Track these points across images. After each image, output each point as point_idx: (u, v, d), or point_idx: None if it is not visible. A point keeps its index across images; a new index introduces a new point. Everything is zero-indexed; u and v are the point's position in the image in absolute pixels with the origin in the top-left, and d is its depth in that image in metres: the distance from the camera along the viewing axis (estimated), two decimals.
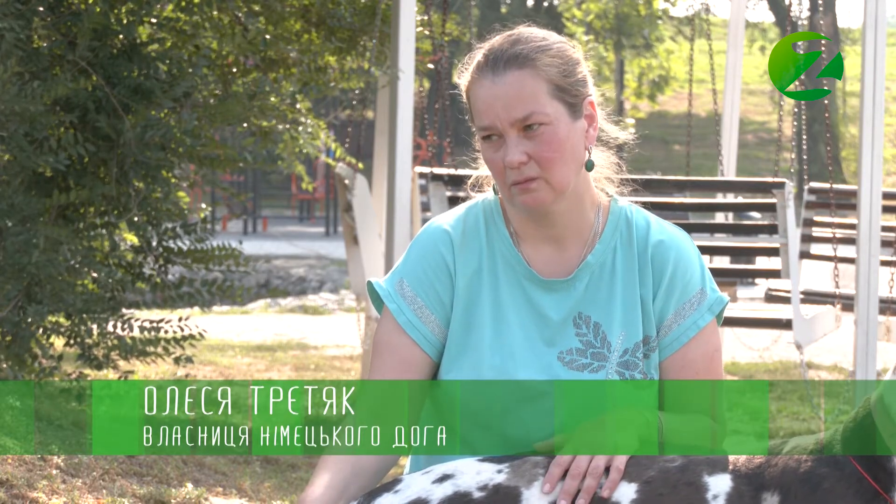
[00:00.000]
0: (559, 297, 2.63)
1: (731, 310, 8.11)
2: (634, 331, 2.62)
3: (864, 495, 2.33)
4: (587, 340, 2.61)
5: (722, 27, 23.91)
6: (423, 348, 2.63)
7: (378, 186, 8.79)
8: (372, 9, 7.23)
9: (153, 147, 6.21)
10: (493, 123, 2.58)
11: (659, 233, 2.66)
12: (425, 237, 2.68)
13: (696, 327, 2.62)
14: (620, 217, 2.68)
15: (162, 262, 6.74)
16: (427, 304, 2.64)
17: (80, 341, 6.40)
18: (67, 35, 6.25)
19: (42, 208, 6.16)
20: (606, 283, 2.64)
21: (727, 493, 2.38)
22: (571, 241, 2.65)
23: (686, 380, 2.62)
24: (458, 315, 2.64)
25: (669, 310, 2.63)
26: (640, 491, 2.40)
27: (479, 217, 2.69)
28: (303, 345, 10.77)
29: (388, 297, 2.66)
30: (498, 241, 2.67)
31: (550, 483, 2.43)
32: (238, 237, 22.16)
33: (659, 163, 30.64)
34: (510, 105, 2.56)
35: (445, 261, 2.65)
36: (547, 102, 2.57)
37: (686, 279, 2.64)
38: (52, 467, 4.43)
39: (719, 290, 2.70)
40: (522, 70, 2.57)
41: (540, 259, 2.66)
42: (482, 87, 2.59)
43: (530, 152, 2.56)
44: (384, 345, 2.66)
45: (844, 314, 7.69)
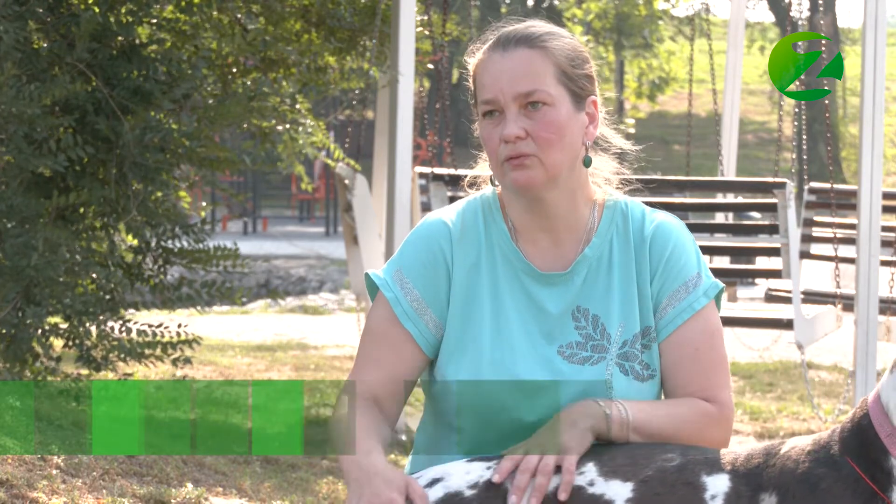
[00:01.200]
0: (558, 291, 2.63)
1: (731, 310, 8.12)
2: (633, 322, 2.62)
3: (862, 495, 2.33)
4: (587, 333, 2.61)
5: (722, 27, 23.91)
6: (418, 342, 2.62)
7: (378, 186, 8.79)
8: (372, 9, 7.23)
9: (152, 149, 6.21)
10: (496, 97, 2.58)
11: (654, 220, 2.67)
12: (424, 229, 2.68)
13: (692, 309, 2.62)
14: (616, 210, 2.68)
15: (161, 263, 6.75)
16: (424, 296, 2.63)
17: (78, 343, 6.40)
18: (66, 36, 6.24)
19: (41, 210, 6.16)
20: (604, 276, 2.64)
21: (725, 494, 2.38)
22: (566, 235, 2.65)
23: (684, 360, 2.61)
24: (455, 309, 2.63)
25: (665, 292, 2.63)
26: (636, 490, 2.40)
27: (478, 211, 2.69)
28: (303, 345, 10.77)
29: (386, 286, 2.64)
30: (496, 235, 2.66)
31: (500, 474, 2.45)
32: (238, 237, 22.15)
33: (659, 163, 30.62)
34: (515, 79, 2.57)
35: (444, 253, 2.65)
36: (552, 84, 2.58)
37: (681, 263, 2.63)
38: (52, 467, 4.43)
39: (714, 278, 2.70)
40: (532, 49, 2.59)
41: (537, 253, 2.66)
42: (490, 61, 2.61)
43: (529, 129, 2.57)
44: (378, 334, 2.64)
45: (845, 314, 7.69)
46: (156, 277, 6.74)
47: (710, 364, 2.62)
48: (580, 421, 2.49)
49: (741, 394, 9.07)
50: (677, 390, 2.62)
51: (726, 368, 2.65)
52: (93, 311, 6.29)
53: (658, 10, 27.20)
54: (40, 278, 5.92)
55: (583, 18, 26.12)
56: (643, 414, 2.54)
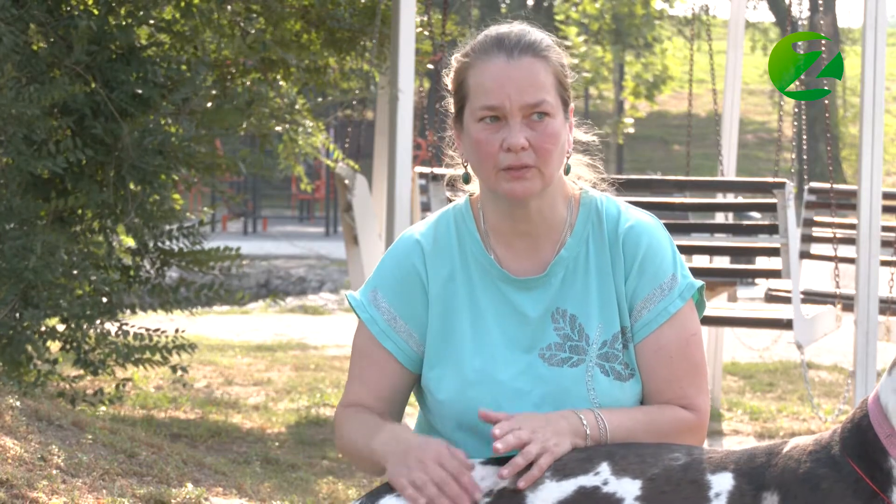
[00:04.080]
0: (535, 295, 2.63)
1: (731, 310, 8.11)
2: (612, 322, 2.62)
3: (862, 495, 2.34)
4: (564, 334, 2.61)
5: (722, 27, 23.91)
6: (399, 359, 2.65)
7: (378, 186, 8.79)
8: (372, 9, 7.23)
9: (151, 152, 6.22)
10: (502, 103, 2.57)
11: (629, 219, 2.66)
12: (397, 248, 2.70)
13: (667, 313, 2.61)
14: (591, 208, 2.68)
15: (159, 265, 6.75)
16: (400, 314, 2.65)
17: (76, 346, 6.40)
18: (65, 39, 6.24)
19: (39, 212, 6.16)
20: (581, 276, 2.64)
21: (729, 492, 2.39)
22: (544, 236, 2.65)
23: (660, 367, 2.60)
24: (435, 322, 2.64)
25: (640, 294, 2.62)
26: (644, 488, 2.42)
27: (451, 223, 2.69)
28: (303, 345, 10.77)
29: (361, 307, 2.67)
30: (470, 244, 2.67)
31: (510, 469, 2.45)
32: (238, 237, 22.15)
33: (659, 163, 30.66)
34: (524, 89, 2.56)
35: (417, 270, 2.66)
36: (553, 95, 2.59)
37: (657, 264, 2.62)
38: (52, 467, 4.43)
39: (692, 276, 2.67)
40: (538, 59, 2.59)
41: (513, 258, 2.66)
42: (494, 65, 2.59)
43: (531, 140, 2.56)
44: (362, 353, 2.68)
45: (844, 314, 7.69)
46: (154, 280, 6.74)
47: (686, 370, 2.62)
48: (564, 435, 2.50)
49: (741, 394, 9.07)
50: (653, 396, 2.62)
51: (703, 373, 2.64)
52: (90, 314, 6.30)
53: (655, 10, 27.17)
54: (38, 280, 5.92)
55: (579, 19, 26.11)
56: (622, 430, 2.55)
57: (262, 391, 8.21)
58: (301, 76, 7.30)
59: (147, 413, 7.09)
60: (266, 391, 8.22)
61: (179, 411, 7.26)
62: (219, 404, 7.56)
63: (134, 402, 7.34)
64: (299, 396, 8.06)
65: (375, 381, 2.66)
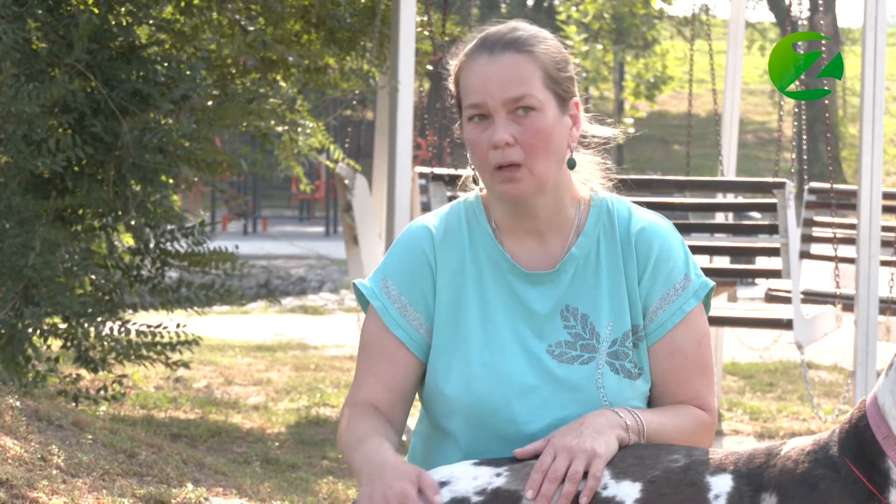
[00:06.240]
0: (544, 290, 2.63)
1: (731, 310, 8.11)
2: (622, 320, 2.62)
3: (860, 496, 2.34)
4: (576, 332, 2.61)
5: (722, 27, 23.91)
6: (409, 347, 2.63)
7: (378, 186, 8.79)
8: (372, 9, 7.23)
9: (151, 150, 6.21)
10: (485, 101, 2.57)
11: (641, 220, 2.66)
12: (407, 235, 2.68)
13: (682, 312, 2.62)
14: (602, 208, 2.67)
15: (159, 265, 6.75)
16: (411, 301, 2.63)
17: (76, 344, 6.40)
18: (65, 37, 6.24)
19: (39, 210, 6.16)
20: (592, 275, 2.64)
21: (728, 493, 2.39)
22: (552, 235, 2.65)
23: (675, 368, 2.61)
24: (442, 312, 2.63)
25: (654, 296, 2.62)
26: (644, 490, 2.42)
27: (461, 215, 2.69)
28: (303, 345, 10.78)
29: (373, 295, 2.65)
30: (480, 236, 2.66)
31: (533, 489, 2.43)
32: (238, 237, 22.15)
33: (659, 163, 30.65)
34: (504, 84, 2.56)
35: (427, 257, 2.65)
36: (539, 89, 2.58)
37: (670, 265, 2.63)
38: (52, 467, 4.43)
39: (705, 276, 2.69)
40: (520, 54, 2.58)
41: (524, 253, 2.65)
42: (477, 64, 2.59)
43: (517, 136, 2.56)
44: (372, 344, 2.65)
45: (844, 314, 7.69)
46: (154, 279, 6.75)
47: (699, 371, 2.63)
48: (605, 430, 2.49)
49: (741, 394, 9.07)
50: (666, 397, 2.63)
51: (713, 373, 2.67)
52: (91, 312, 6.30)
53: (654, 10, 27.19)
54: (38, 279, 5.92)
55: (580, 19, 26.11)
56: (655, 425, 2.55)
57: (262, 391, 8.22)
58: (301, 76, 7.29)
59: (147, 413, 7.09)
60: (266, 391, 8.22)
61: (179, 411, 7.26)
62: (219, 404, 7.56)
63: (134, 401, 7.35)
64: (299, 396, 8.06)
65: (387, 372, 2.63)
